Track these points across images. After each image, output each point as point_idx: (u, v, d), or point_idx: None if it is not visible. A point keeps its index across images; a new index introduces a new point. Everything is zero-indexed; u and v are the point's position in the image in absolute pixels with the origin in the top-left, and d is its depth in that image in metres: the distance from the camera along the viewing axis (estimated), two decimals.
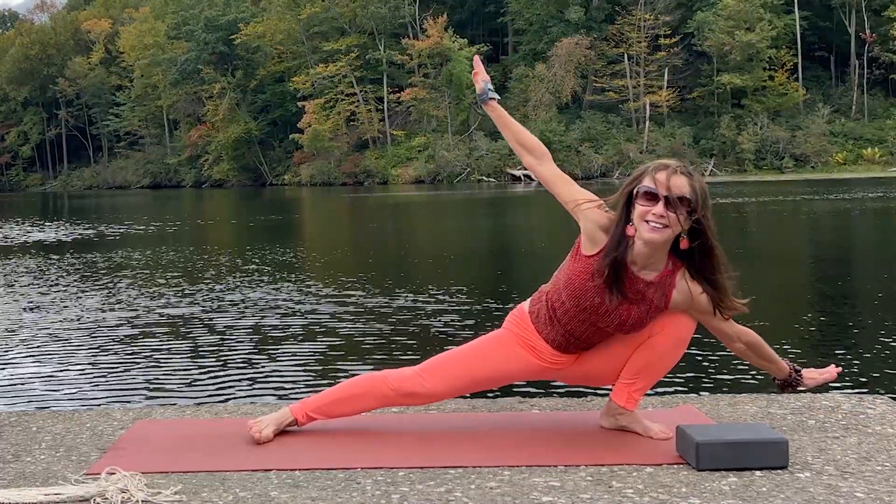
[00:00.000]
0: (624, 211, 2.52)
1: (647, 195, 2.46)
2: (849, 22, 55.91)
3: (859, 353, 5.18)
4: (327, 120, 63.00)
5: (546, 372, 2.75)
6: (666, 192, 2.43)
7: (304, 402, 2.84)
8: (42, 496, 2.28)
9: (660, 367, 2.70)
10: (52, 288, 9.18)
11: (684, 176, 2.47)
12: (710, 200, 2.53)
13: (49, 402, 4.57)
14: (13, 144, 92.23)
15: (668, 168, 2.47)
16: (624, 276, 2.54)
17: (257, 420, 2.78)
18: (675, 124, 54.36)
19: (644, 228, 2.45)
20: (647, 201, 2.45)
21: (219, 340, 6.05)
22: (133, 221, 22.48)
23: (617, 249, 2.51)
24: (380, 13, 63.28)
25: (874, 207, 20.14)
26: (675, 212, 2.43)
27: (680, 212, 2.44)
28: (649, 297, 2.57)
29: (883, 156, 49.11)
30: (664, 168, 2.47)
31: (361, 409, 2.81)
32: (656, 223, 2.43)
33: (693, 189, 2.46)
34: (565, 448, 2.60)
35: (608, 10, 58.77)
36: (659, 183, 2.45)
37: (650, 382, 2.73)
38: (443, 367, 2.74)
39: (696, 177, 2.49)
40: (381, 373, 2.79)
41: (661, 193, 2.44)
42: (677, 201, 2.43)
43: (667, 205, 2.43)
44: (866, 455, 2.50)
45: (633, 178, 2.53)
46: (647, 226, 2.44)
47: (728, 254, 2.67)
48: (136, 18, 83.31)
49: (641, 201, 2.46)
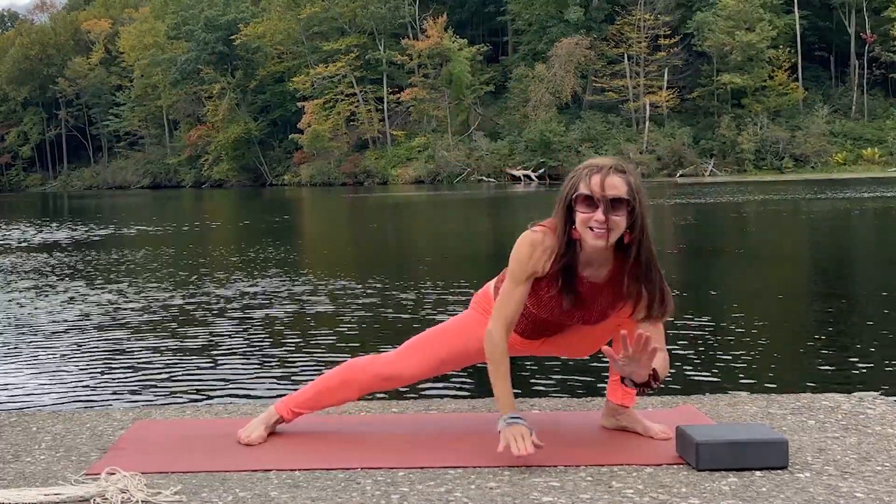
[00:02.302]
0: (566, 216, 2.49)
1: (586, 201, 2.43)
2: (849, 22, 55.91)
3: (859, 353, 5.17)
4: (327, 120, 63.02)
5: (514, 351, 2.77)
6: (602, 195, 2.41)
7: (287, 398, 2.86)
8: (42, 496, 2.28)
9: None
10: (53, 288, 9.18)
11: (618, 174, 2.44)
12: (646, 193, 2.51)
13: (49, 402, 4.57)
14: (13, 144, 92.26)
15: (602, 170, 2.44)
16: (576, 281, 2.53)
17: (244, 427, 2.79)
18: (674, 124, 54.36)
19: (588, 235, 2.43)
20: (587, 207, 2.42)
21: (219, 340, 6.05)
22: (133, 222, 22.49)
23: (566, 255, 2.50)
24: (380, 13, 63.30)
25: (874, 207, 20.15)
26: (615, 214, 2.41)
27: (619, 213, 2.41)
28: (605, 295, 2.56)
29: (883, 156, 49.11)
30: (598, 171, 2.44)
31: (344, 398, 2.82)
32: (599, 229, 2.41)
33: (629, 187, 2.43)
34: (565, 448, 2.60)
35: (608, 11, 58.78)
36: (594, 186, 2.41)
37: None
38: (416, 349, 2.76)
39: (630, 172, 2.47)
40: (359, 360, 2.81)
41: (598, 198, 2.41)
42: (616, 203, 2.41)
43: (606, 209, 2.40)
44: (866, 455, 2.50)
45: (569, 184, 2.48)
46: (591, 233, 2.42)
47: (728, 254, 2.66)
48: (136, 18, 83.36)
49: (581, 208, 2.43)
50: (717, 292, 8.14)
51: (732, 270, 9.94)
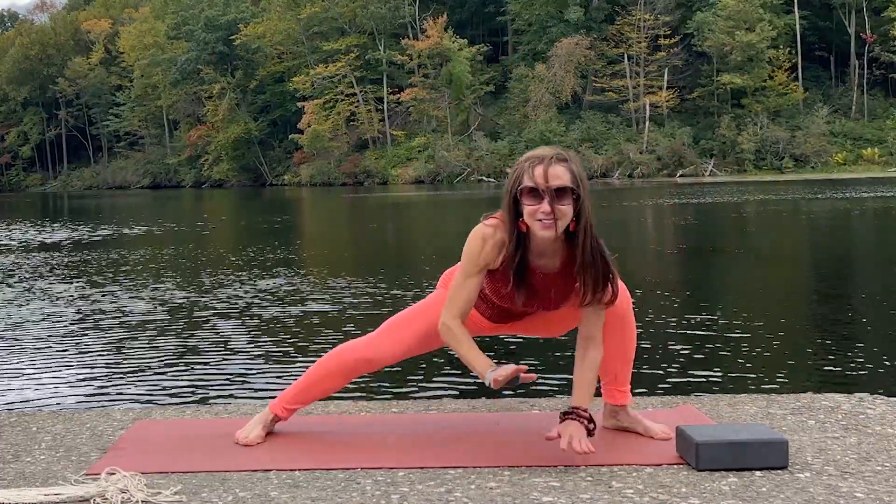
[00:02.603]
0: (513, 209, 2.50)
1: (531, 193, 2.44)
2: (849, 22, 55.91)
3: (859, 353, 5.17)
4: (327, 120, 63.03)
5: (484, 332, 2.80)
6: (547, 186, 2.42)
7: (280, 395, 2.87)
8: (42, 496, 2.28)
9: (621, 348, 2.72)
10: (53, 288, 9.18)
11: (561, 164, 2.45)
12: (588, 180, 2.52)
13: (49, 402, 4.57)
14: (13, 144, 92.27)
15: (544, 160, 2.45)
16: (528, 273, 2.55)
17: (242, 428, 2.80)
18: (674, 124, 54.37)
19: (537, 227, 2.45)
20: (532, 199, 2.44)
21: (219, 340, 6.05)
22: (133, 222, 22.49)
23: (517, 250, 2.51)
24: (380, 13, 63.31)
25: (874, 207, 20.14)
26: (561, 204, 2.43)
27: (565, 202, 2.43)
28: (560, 284, 2.58)
29: (882, 156, 49.11)
30: (540, 162, 2.45)
31: (332, 387, 2.83)
32: (546, 220, 2.43)
33: (572, 175, 2.45)
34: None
35: (608, 11, 58.79)
36: (538, 178, 2.43)
37: (624, 367, 2.74)
38: (392, 330, 2.77)
39: (571, 160, 2.48)
40: (339, 348, 2.82)
41: (543, 189, 2.42)
42: (561, 193, 2.42)
43: (551, 200, 2.42)
44: (866, 455, 2.50)
45: (513, 178, 2.50)
46: (539, 224, 2.44)
47: (728, 254, 2.67)
48: (136, 18, 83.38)
49: (527, 200, 2.45)
50: (717, 292, 8.14)
51: (732, 270, 9.93)
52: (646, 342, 5.64)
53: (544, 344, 5.43)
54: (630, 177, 51.65)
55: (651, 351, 5.37)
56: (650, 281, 8.94)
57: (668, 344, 5.53)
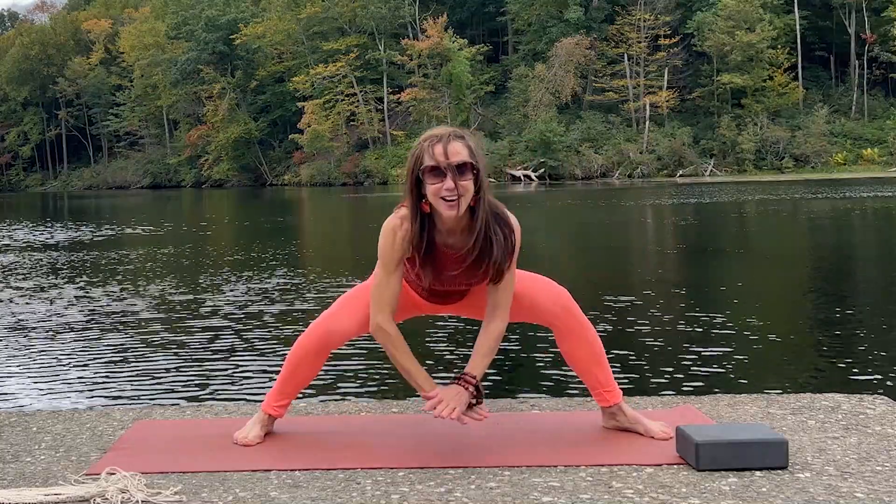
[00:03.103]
0: (416, 192, 2.51)
1: (433, 172, 2.46)
2: (849, 22, 55.91)
3: (859, 353, 5.18)
4: (327, 120, 63.03)
5: (423, 310, 2.81)
6: (448, 163, 2.44)
7: (267, 395, 2.86)
8: (42, 496, 2.28)
9: (588, 351, 2.72)
10: (52, 288, 9.18)
11: (458, 140, 2.48)
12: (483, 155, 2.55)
13: (49, 402, 4.57)
14: (13, 144, 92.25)
15: (442, 138, 2.47)
16: (438, 254, 2.57)
17: (241, 429, 2.80)
18: (675, 124, 54.36)
19: (442, 206, 2.46)
20: (435, 178, 2.45)
21: (219, 340, 6.05)
22: (133, 222, 22.49)
23: (422, 234, 2.52)
24: (380, 13, 63.29)
25: (874, 207, 20.15)
26: (463, 180, 2.45)
27: (466, 178, 2.46)
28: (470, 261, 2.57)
29: (882, 156, 49.11)
30: (438, 140, 2.47)
31: (309, 372, 2.80)
32: (451, 197, 2.45)
33: (470, 150, 2.48)
34: (565, 448, 2.60)
35: (608, 11, 58.78)
36: (438, 156, 2.45)
37: (600, 368, 2.74)
38: (349, 302, 2.78)
39: (467, 137, 2.51)
40: (304, 333, 2.81)
41: (445, 166, 2.44)
42: (462, 168, 2.45)
43: (454, 176, 2.44)
44: (866, 455, 2.50)
45: (413, 159, 2.50)
46: (444, 203, 2.46)
47: (728, 254, 2.67)
48: (136, 18, 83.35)
49: (430, 179, 2.46)
50: (717, 292, 8.14)
51: (732, 270, 9.94)
52: (646, 342, 5.64)
53: (545, 344, 5.43)
54: (630, 177, 51.66)
55: (651, 351, 5.37)
56: (650, 281, 8.94)
57: (668, 344, 5.53)
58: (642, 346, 5.50)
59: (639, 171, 52.24)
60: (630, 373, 4.83)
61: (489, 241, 2.51)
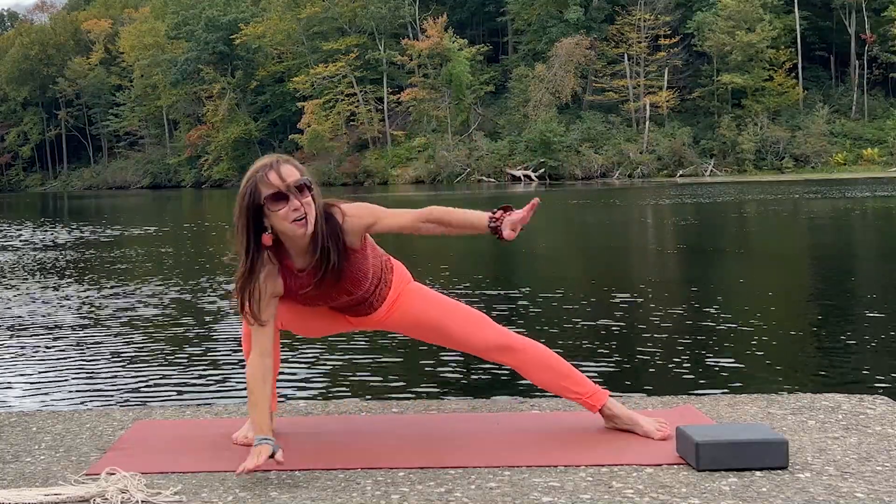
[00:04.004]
0: (253, 227, 2.52)
1: (275, 197, 2.48)
2: (849, 22, 55.90)
3: (859, 353, 5.18)
4: (327, 120, 63.01)
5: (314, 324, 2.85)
6: (287, 185, 2.48)
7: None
8: (42, 496, 2.28)
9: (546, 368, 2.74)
10: (53, 288, 9.18)
11: (286, 163, 2.53)
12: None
13: (49, 402, 4.57)
14: (13, 144, 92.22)
15: (272, 165, 2.51)
16: (294, 278, 2.60)
17: (240, 430, 2.79)
18: (675, 124, 54.35)
19: (294, 228, 2.50)
20: (279, 203, 2.48)
21: (220, 340, 6.06)
22: (134, 222, 22.49)
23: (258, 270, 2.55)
24: (380, 13, 63.27)
25: (874, 207, 20.14)
26: (305, 198, 2.49)
27: (307, 195, 2.50)
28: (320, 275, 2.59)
29: (883, 156, 49.09)
30: (269, 167, 2.51)
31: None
32: (299, 217, 2.48)
33: (300, 171, 2.54)
34: (565, 448, 2.60)
35: (608, 11, 58.77)
36: (276, 181, 2.48)
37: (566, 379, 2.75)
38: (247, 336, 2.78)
39: (291, 159, 2.57)
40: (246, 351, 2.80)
41: (285, 188, 2.48)
42: (301, 187, 2.49)
43: (297, 195, 2.48)
44: (866, 455, 2.50)
45: (247, 194, 2.51)
46: (295, 225, 2.49)
47: (729, 254, 2.68)
48: (136, 18, 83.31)
49: (274, 206, 2.49)
50: (717, 292, 8.13)
51: (732, 270, 9.93)
52: (646, 342, 5.64)
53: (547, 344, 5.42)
54: (630, 177, 51.66)
55: (651, 351, 5.37)
56: (650, 281, 8.95)
57: (668, 344, 5.53)
58: (642, 346, 5.50)
59: (639, 171, 52.23)
60: (630, 372, 4.83)
61: (327, 252, 2.54)
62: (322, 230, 2.53)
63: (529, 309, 7.09)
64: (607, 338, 5.79)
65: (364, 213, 2.62)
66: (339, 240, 2.57)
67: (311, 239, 2.53)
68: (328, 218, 2.57)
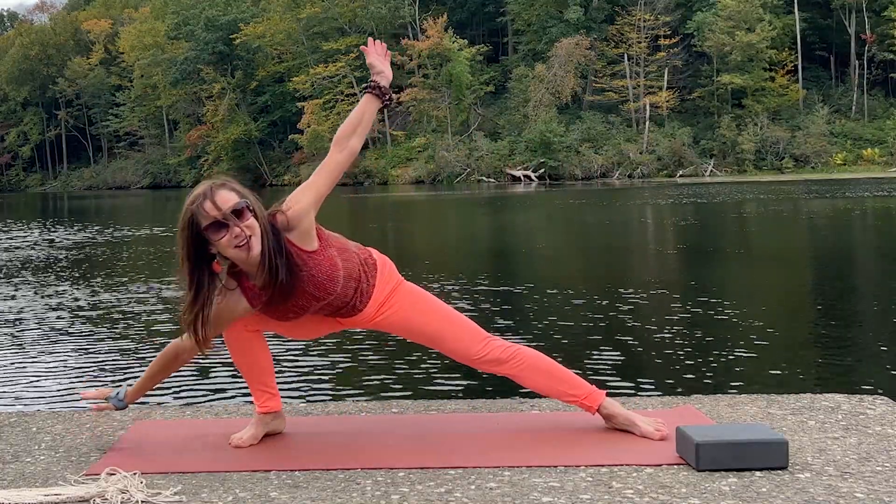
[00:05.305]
0: (200, 258, 2.52)
1: (214, 227, 2.47)
2: (849, 22, 55.90)
3: (859, 353, 5.18)
4: (327, 120, 62.99)
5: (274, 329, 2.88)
6: (224, 213, 2.46)
7: None
8: (42, 497, 2.28)
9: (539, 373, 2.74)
10: (53, 288, 9.17)
11: (221, 188, 2.50)
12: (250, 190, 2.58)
13: (49, 402, 4.57)
14: (13, 145, 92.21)
15: (206, 194, 2.49)
16: (253, 296, 2.60)
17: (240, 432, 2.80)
18: (675, 125, 54.34)
19: (239, 254, 2.48)
20: (219, 231, 2.47)
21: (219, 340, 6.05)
22: (134, 222, 22.48)
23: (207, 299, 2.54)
24: (380, 13, 63.27)
25: (874, 207, 20.14)
26: (245, 221, 2.46)
27: (247, 218, 2.47)
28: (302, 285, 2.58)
29: (883, 156, 49.09)
30: (203, 197, 2.49)
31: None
32: (241, 243, 2.46)
33: (237, 192, 2.51)
34: (565, 448, 2.60)
35: (608, 11, 58.77)
36: (211, 211, 2.46)
37: (561, 383, 2.75)
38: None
39: (228, 182, 2.54)
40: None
41: (222, 217, 2.46)
42: (239, 212, 2.47)
43: (235, 222, 2.45)
44: (866, 455, 2.50)
45: (186, 226, 2.50)
46: (240, 251, 2.48)
47: (729, 254, 2.67)
48: (135, 18, 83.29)
49: (215, 236, 2.47)
50: (717, 292, 8.13)
51: (732, 270, 9.93)
52: (646, 342, 5.64)
53: (545, 343, 5.43)
54: (630, 177, 51.65)
55: (651, 351, 5.37)
56: (650, 281, 8.94)
57: (668, 344, 5.53)
58: (643, 346, 5.50)
59: (639, 171, 52.23)
60: (630, 373, 4.83)
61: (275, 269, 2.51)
62: (269, 247, 2.50)
63: (529, 309, 7.09)
64: (607, 338, 5.79)
65: (300, 193, 2.60)
66: (284, 253, 2.53)
67: (261, 259, 2.51)
68: (275, 231, 2.53)
